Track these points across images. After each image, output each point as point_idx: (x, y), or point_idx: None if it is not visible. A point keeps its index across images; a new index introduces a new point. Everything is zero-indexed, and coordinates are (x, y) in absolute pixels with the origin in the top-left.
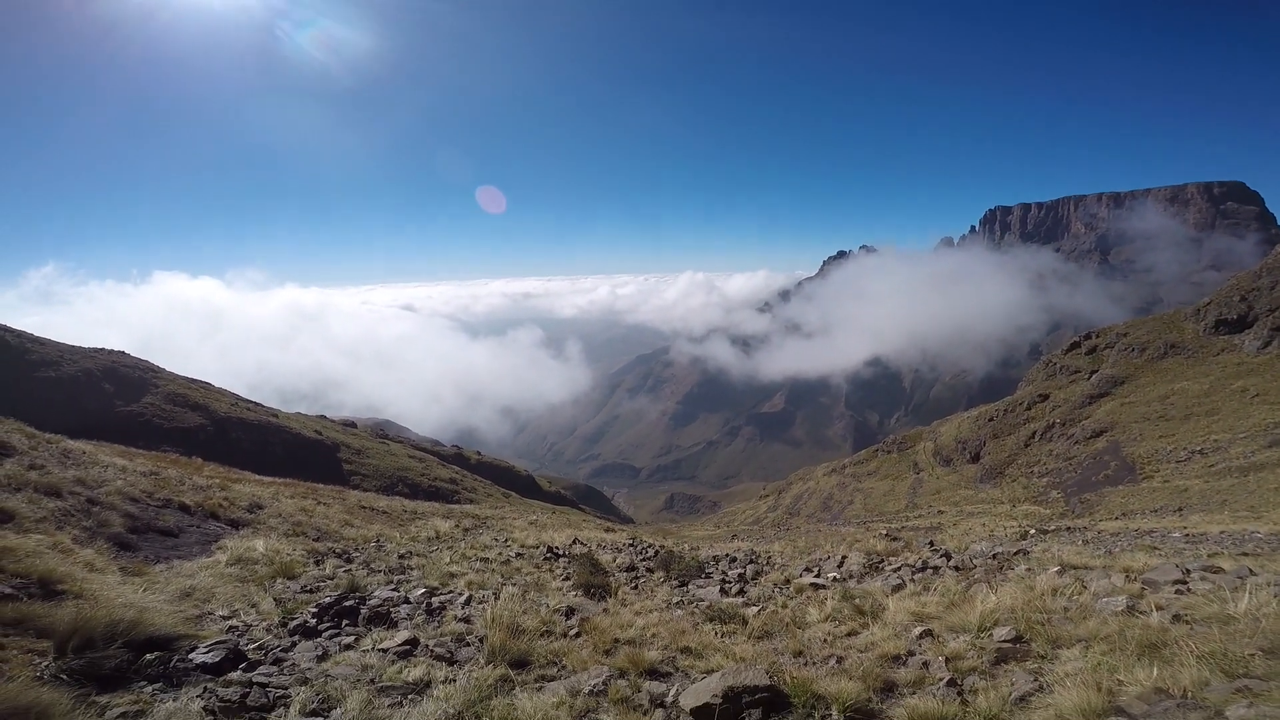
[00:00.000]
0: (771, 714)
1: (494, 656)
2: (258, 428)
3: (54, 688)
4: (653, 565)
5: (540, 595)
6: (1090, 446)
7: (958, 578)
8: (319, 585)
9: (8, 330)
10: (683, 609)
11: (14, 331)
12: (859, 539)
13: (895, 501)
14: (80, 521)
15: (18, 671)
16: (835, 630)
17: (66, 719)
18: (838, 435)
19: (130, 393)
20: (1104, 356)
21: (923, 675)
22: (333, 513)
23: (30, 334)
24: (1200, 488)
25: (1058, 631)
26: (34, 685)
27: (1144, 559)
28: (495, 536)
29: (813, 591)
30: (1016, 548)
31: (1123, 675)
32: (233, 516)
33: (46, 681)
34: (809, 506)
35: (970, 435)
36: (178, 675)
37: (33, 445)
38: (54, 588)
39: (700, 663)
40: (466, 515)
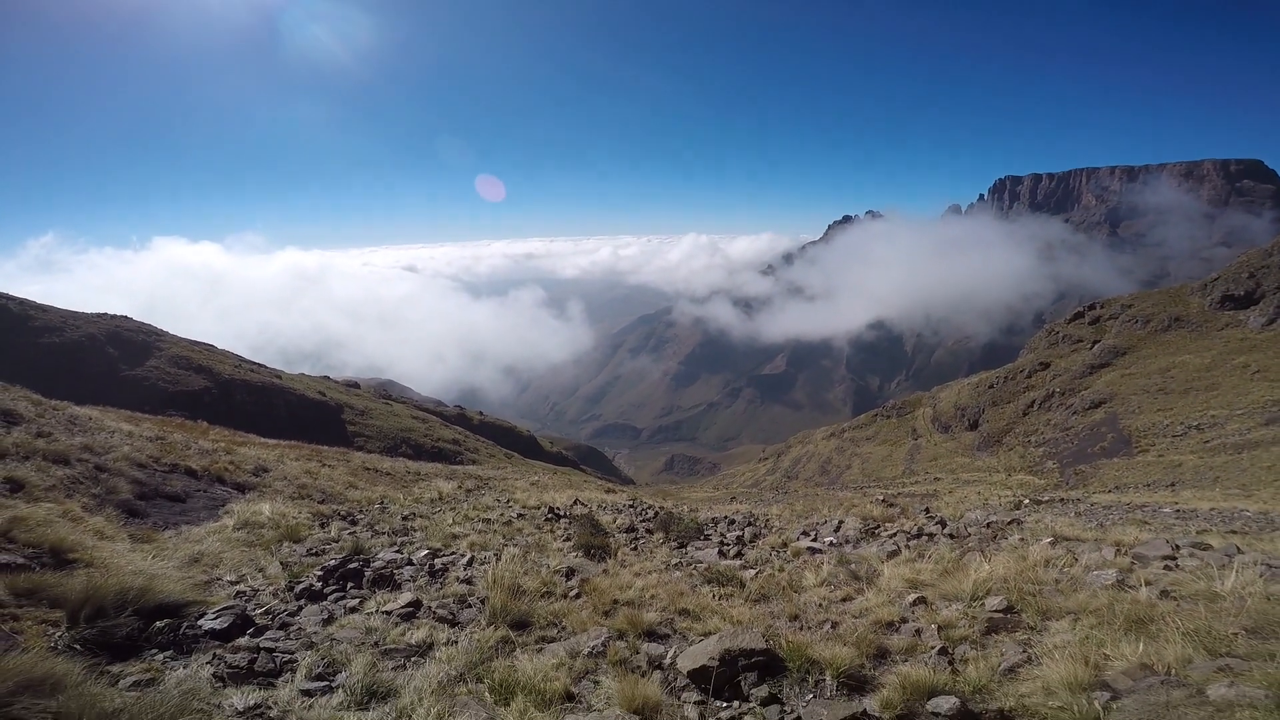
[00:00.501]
0: (767, 677)
1: (495, 618)
2: (262, 389)
3: (68, 658)
4: (652, 527)
5: (541, 556)
6: (1088, 417)
7: (952, 545)
8: (324, 548)
9: (10, 298)
10: (681, 571)
11: (16, 299)
12: (856, 504)
13: (893, 467)
14: (89, 489)
15: (33, 642)
16: (830, 595)
17: (80, 689)
18: (838, 399)
19: (134, 357)
20: (1107, 327)
21: (915, 643)
22: (337, 475)
23: (33, 301)
24: (1194, 463)
25: (1048, 603)
26: (48, 656)
27: (1135, 533)
28: (497, 497)
29: (809, 556)
30: (1010, 517)
31: (1109, 650)
32: (239, 480)
33: (60, 652)
34: (807, 470)
35: (969, 402)
36: (187, 642)
37: (39, 412)
38: (65, 557)
39: (698, 625)
40: (469, 476)
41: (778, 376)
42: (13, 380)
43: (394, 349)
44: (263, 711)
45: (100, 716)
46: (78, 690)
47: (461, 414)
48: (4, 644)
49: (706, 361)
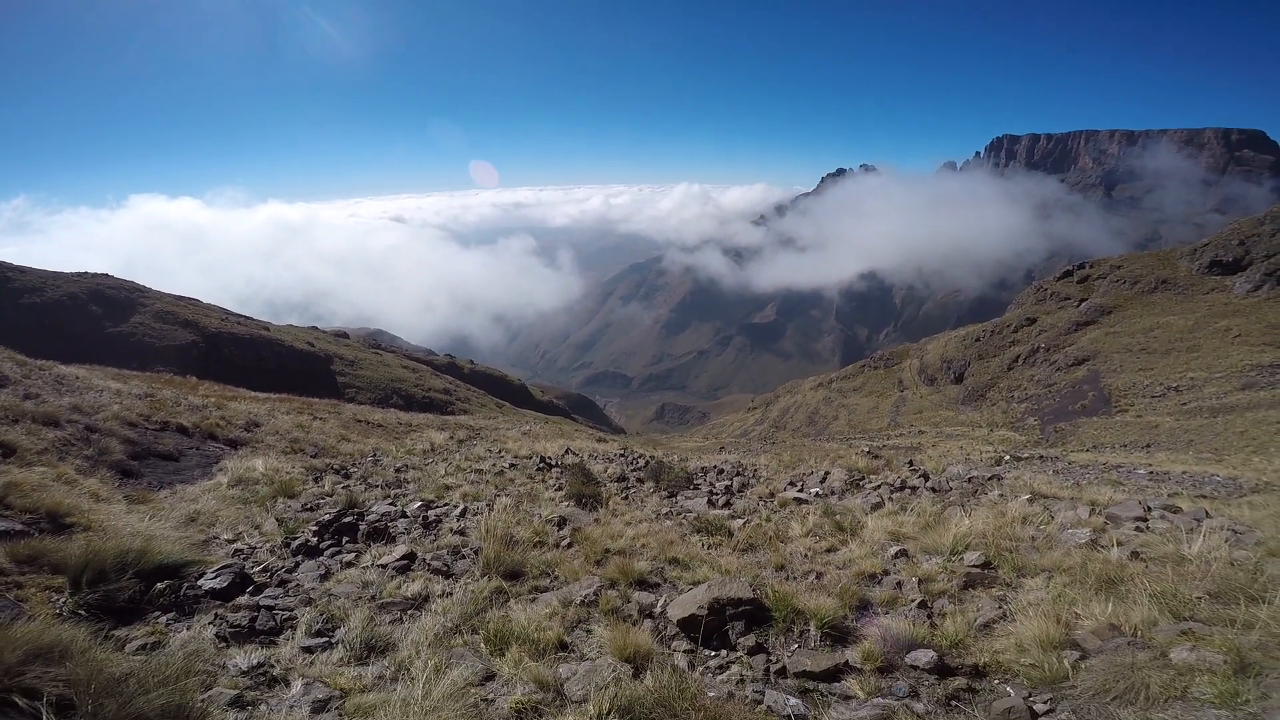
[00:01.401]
0: (754, 627)
1: (489, 569)
2: (249, 342)
3: (74, 624)
4: (643, 476)
5: (533, 506)
6: (1070, 374)
7: (934, 499)
8: (318, 503)
9: None
10: (671, 520)
11: None
12: (842, 455)
13: (878, 419)
14: (81, 450)
15: (38, 609)
16: (816, 545)
17: (88, 655)
18: (827, 349)
19: (118, 314)
20: (1095, 286)
21: (896, 595)
22: (329, 428)
23: (9, 263)
24: (1170, 425)
25: (1024, 560)
26: (55, 623)
27: (1109, 494)
28: (489, 448)
29: (796, 506)
30: (991, 473)
31: (1080, 609)
32: (230, 436)
33: (66, 618)
34: (795, 420)
35: (956, 355)
36: (189, 603)
37: (25, 373)
38: (63, 521)
39: (687, 574)
40: (461, 426)
41: (768, 325)
42: None
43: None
44: (266, 670)
45: (109, 682)
46: (86, 656)
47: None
48: (10, 612)
49: (697, 310)
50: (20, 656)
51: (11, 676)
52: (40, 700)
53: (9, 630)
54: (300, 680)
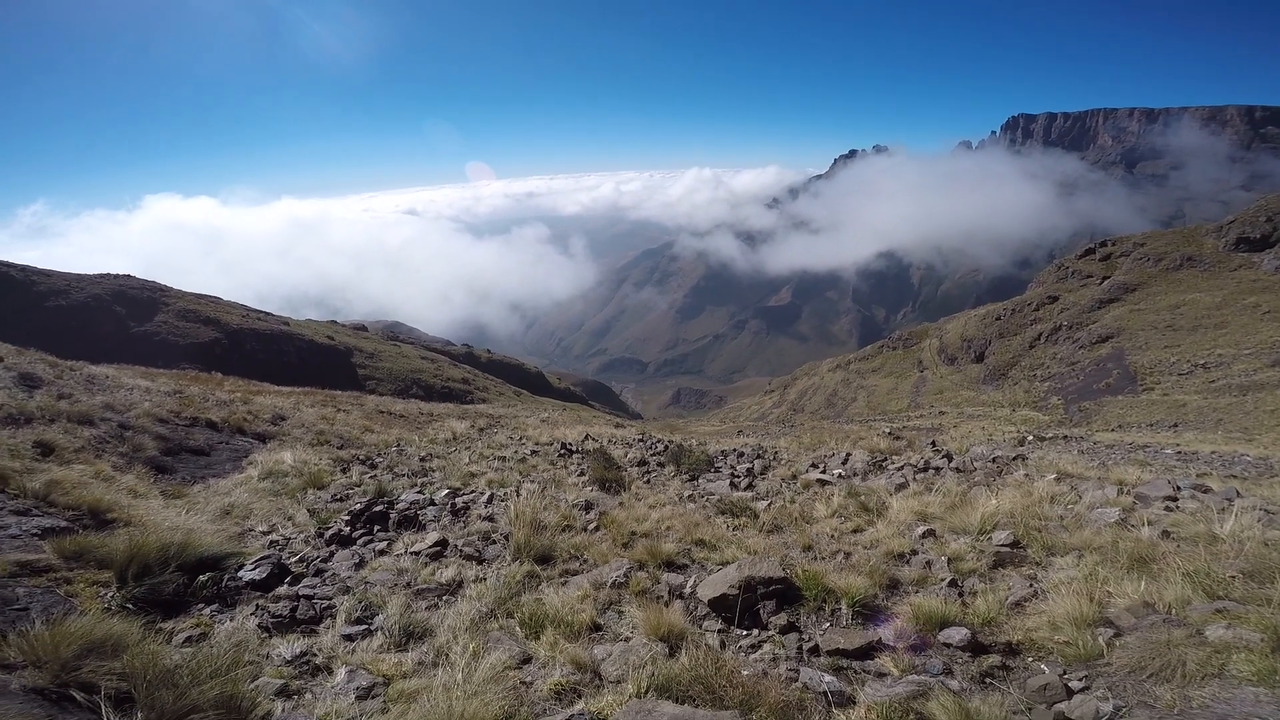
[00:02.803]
0: (784, 606)
1: (519, 553)
2: (270, 337)
3: (123, 618)
4: (663, 460)
5: (558, 491)
6: (1094, 352)
7: (958, 479)
8: (348, 493)
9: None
10: (694, 503)
11: (18, 266)
12: (862, 437)
13: (898, 400)
14: (116, 448)
15: (88, 605)
16: (841, 526)
17: (140, 648)
18: (844, 330)
19: (142, 313)
20: (1118, 264)
21: (926, 574)
22: (353, 419)
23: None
24: (1198, 404)
25: (1053, 539)
26: (105, 617)
27: (1136, 473)
28: (510, 435)
29: (819, 488)
30: (1015, 453)
31: (1113, 587)
32: (258, 430)
33: (114, 612)
34: (813, 403)
35: (976, 334)
36: (230, 594)
37: (57, 374)
38: (104, 517)
39: (714, 555)
40: (481, 415)
41: (783, 308)
42: (24, 344)
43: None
44: (309, 659)
45: (163, 674)
46: (139, 649)
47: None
48: (63, 608)
49: (711, 294)
50: (76, 651)
51: (69, 671)
52: (98, 694)
53: (64, 625)
54: (344, 668)
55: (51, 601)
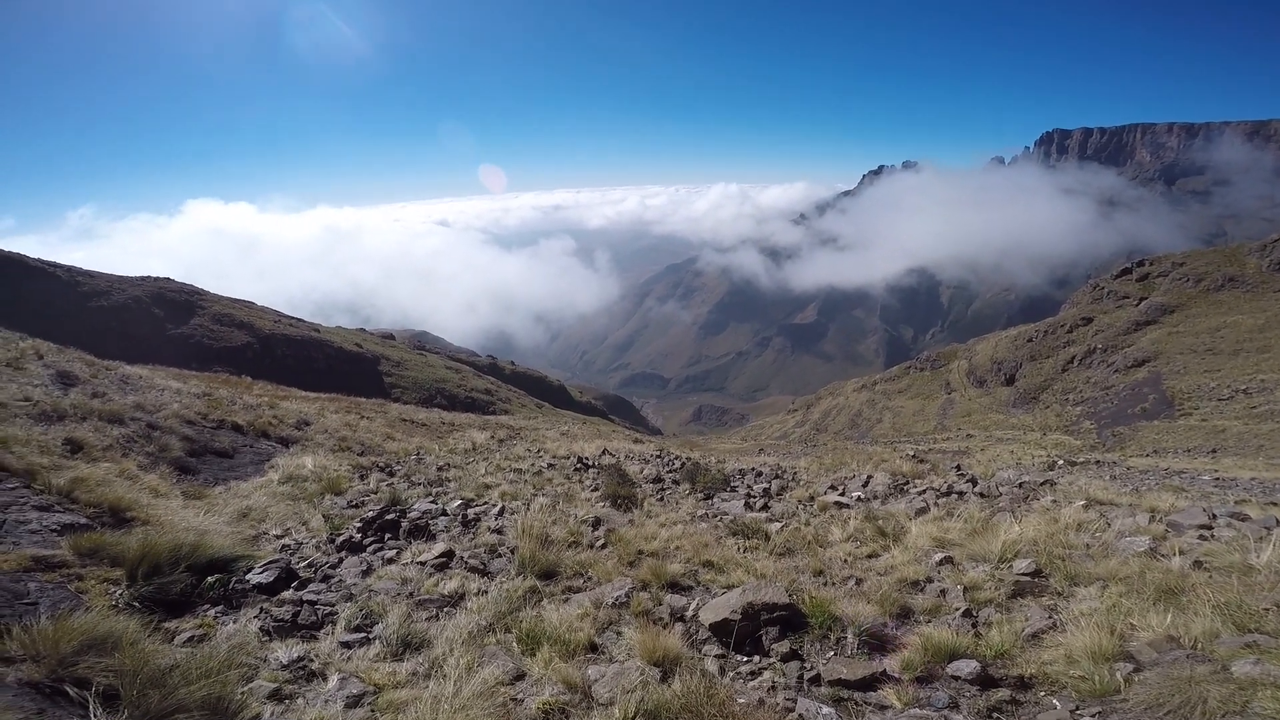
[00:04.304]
0: (788, 633)
1: (524, 568)
2: (301, 343)
3: (127, 616)
4: (679, 477)
5: (570, 506)
6: (1130, 376)
7: (982, 505)
8: (363, 500)
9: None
10: (707, 522)
11: (64, 267)
12: (885, 459)
13: (925, 422)
14: (143, 447)
15: (96, 601)
16: (856, 551)
17: (139, 646)
18: (870, 350)
19: (179, 316)
20: (1156, 284)
21: (939, 603)
22: (375, 427)
23: (80, 268)
24: (1238, 430)
25: (1077, 568)
26: (110, 614)
27: (1170, 500)
28: (528, 448)
29: (836, 510)
30: (1044, 478)
31: (1137, 620)
32: (282, 434)
33: (121, 610)
34: (837, 423)
35: (1007, 356)
36: (237, 597)
37: (93, 373)
38: (123, 515)
39: (721, 577)
40: (501, 426)
41: (808, 326)
42: (66, 343)
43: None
44: (305, 664)
45: (155, 673)
46: (135, 648)
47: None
48: (70, 603)
49: (735, 310)
50: (76, 646)
51: (65, 666)
52: (89, 690)
53: (67, 621)
54: (337, 675)
55: (61, 597)
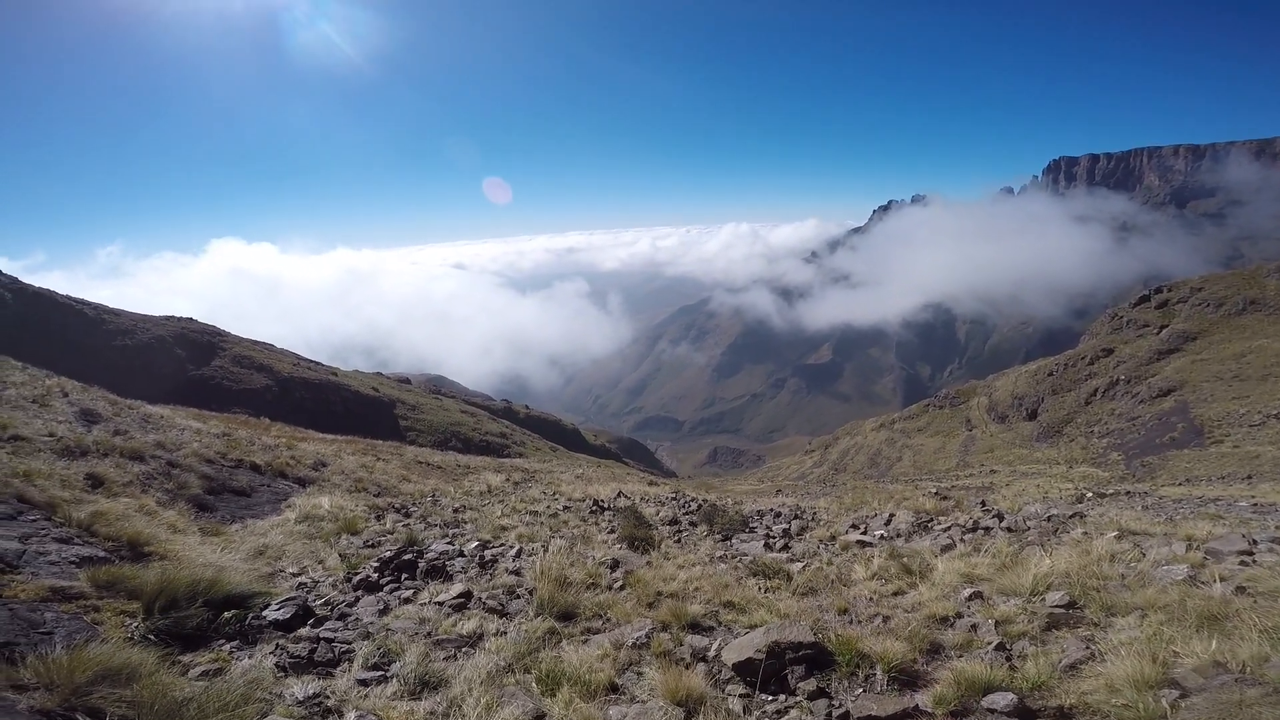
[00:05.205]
0: (815, 671)
1: (542, 609)
2: (318, 386)
3: (143, 648)
4: (695, 519)
5: (586, 548)
6: (1156, 406)
7: (1010, 539)
8: (380, 540)
9: (86, 304)
10: (726, 563)
11: (91, 305)
12: (907, 497)
13: (946, 459)
14: (162, 484)
15: (111, 633)
16: (881, 589)
17: (153, 679)
18: (887, 389)
19: (200, 357)
20: (1176, 311)
21: (971, 638)
22: (391, 468)
23: (106, 306)
24: (1273, 454)
25: (1113, 599)
26: (125, 646)
27: (1208, 528)
28: (543, 490)
29: (859, 549)
30: (1072, 511)
31: (1179, 646)
32: (299, 474)
33: (136, 642)
34: (856, 462)
35: (1028, 390)
36: (252, 632)
37: (116, 411)
38: (142, 549)
39: (743, 617)
40: (516, 469)
41: (823, 366)
42: (90, 381)
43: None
44: (321, 701)
45: (171, 705)
46: (151, 680)
47: (508, 408)
48: (85, 634)
49: (749, 352)
50: (90, 677)
51: (79, 696)
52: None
53: (82, 651)
54: (353, 712)
55: (77, 628)
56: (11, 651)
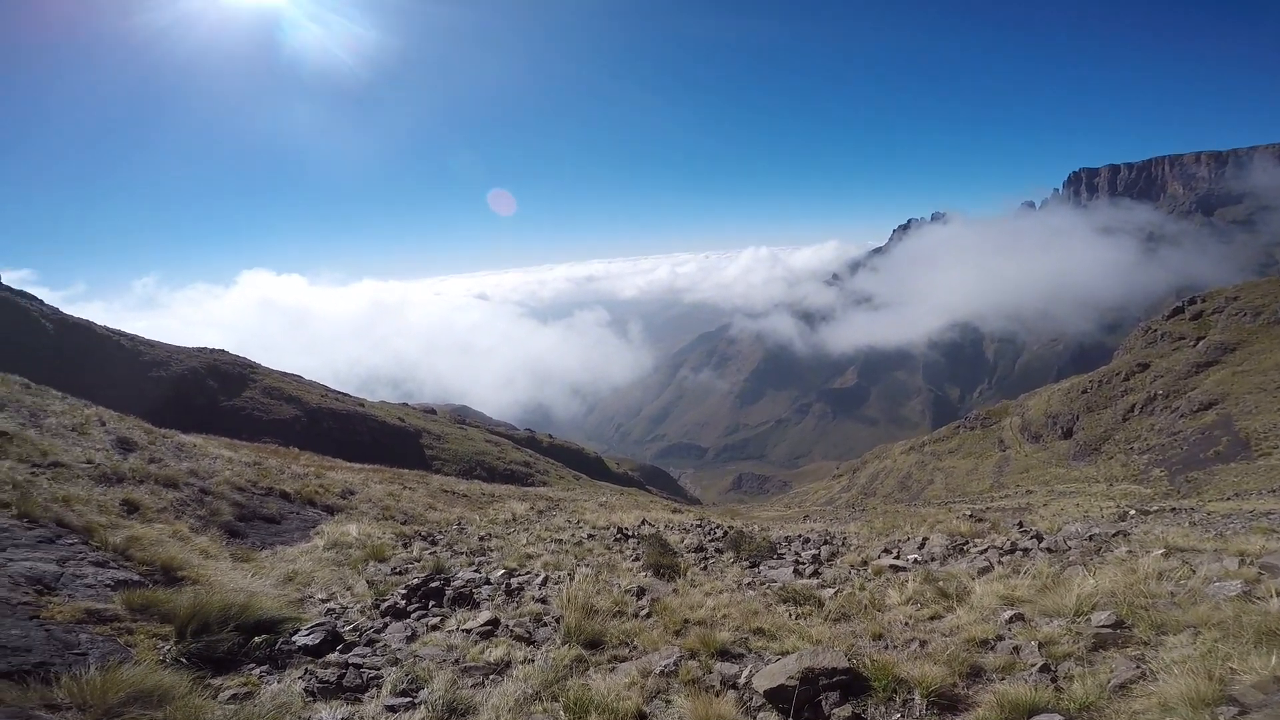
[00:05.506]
0: (850, 697)
1: (569, 637)
2: (346, 417)
3: (174, 671)
4: (722, 546)
5: (612, 576)
6: (1197, 420)
7: (1050, 560)
8: (407, 567)
9: (123, 334)
10: (754, 590)
11: (128, 335)
12: (940, 520)
13: (979, 481)
14: (195, 511)
15: (144, 655)
16: (917, 613)
17: (184, 701)
18: (915, 412)
19: (232, 388)
20: (1211, 321)
21: (1013, 660)
22: (417, 497)
23: (142, 337)
24: None
25: (1163, 617)
26: (157, 669)
27: (1261, 542)
28: (568, 518)
29: (892, 574)
30: (1115, 529)
31: (1236, 663)
32: (328, 502)
33: (168, 665)
34: (885, 486)
35: (1061, 409)
36: (282, 657)
37: (151, 440)
38: (175, 574)
39: (774, 644)
40: (540, 498)
41: (849, 390)
42: (126, 410)
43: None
44: None
45: None
46: (182, 702)
47: (532, 437)
48: (119, 656)
49: (771, 377)
50: (122, 698)
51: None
52: None
53: (115, 673)
54: None
55: (110, 649)
56: (46, 671)
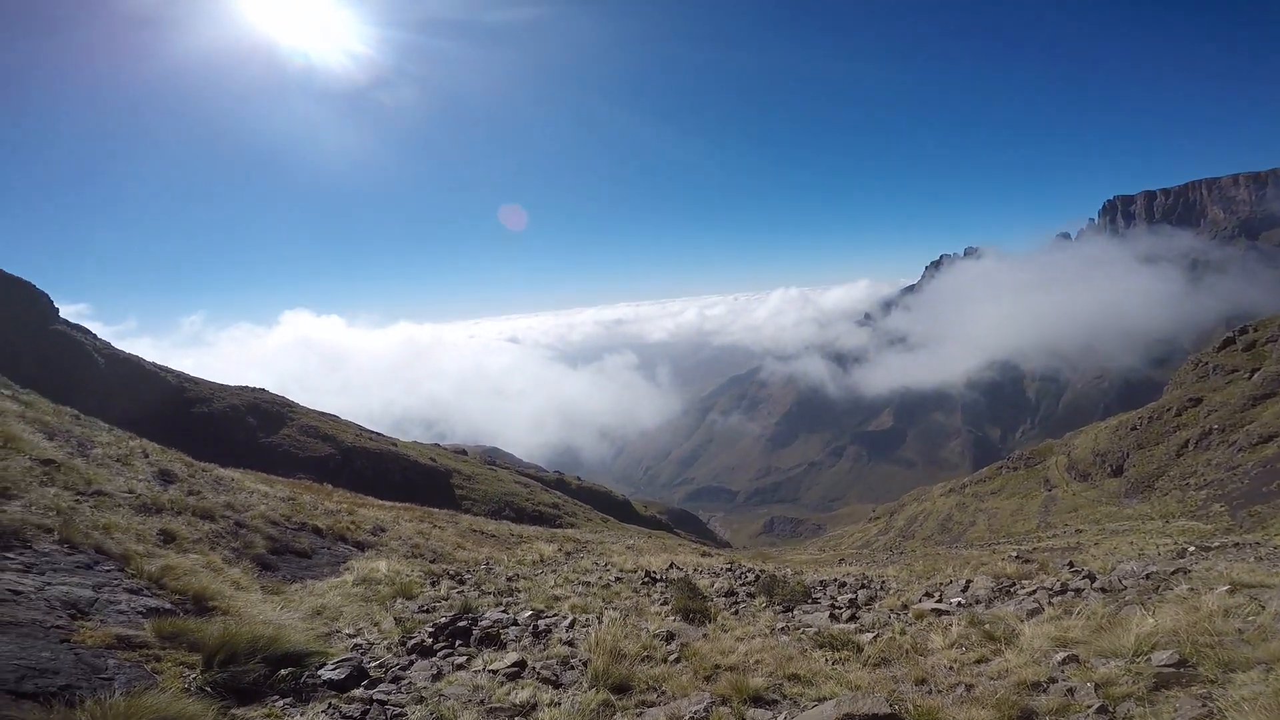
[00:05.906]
0: None
1: (597, 680)
2: (379, 456)
3: (199, 699)
4: (753, 590)
5: (640, 620)
6: (1258, 453)
7: (1105, 600)
8: (435, 605)
9: (170, 371)
10: (788, 635)
11: (175, 372)
12: (985, 561)
13: (1025, 521)
14: (229, 543)
15: (169, 683)
16: (962, 657)
17: None
18: (954, 453)
19: (270, 425)
20: (1266, 352)
21: (1067, 703)
22: (447, 536)
23: (187, 374)
24: None
25: (1231, 654)
26: (181, 696)
27: None
28: (595, 561)
29: (934, 617)
30: (1174, 566)
31: None
32: (359, 539)
33: (193, 694)
34: (925, 529)
35: (1110, 447)
36: (307, 691)
37: (190, 473)
38: (206, 604)
39: (810, 690)
40: (568, 539)
41: (885, 433)
42: (169, 444)
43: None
44: None
45: None
46: None
47: (560, 479)
48: (145, 682)
49: (804, 420)
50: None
51: None
52: None
53: (139, 699)
54: None
55: (137, 675)
56: (72, 694)
